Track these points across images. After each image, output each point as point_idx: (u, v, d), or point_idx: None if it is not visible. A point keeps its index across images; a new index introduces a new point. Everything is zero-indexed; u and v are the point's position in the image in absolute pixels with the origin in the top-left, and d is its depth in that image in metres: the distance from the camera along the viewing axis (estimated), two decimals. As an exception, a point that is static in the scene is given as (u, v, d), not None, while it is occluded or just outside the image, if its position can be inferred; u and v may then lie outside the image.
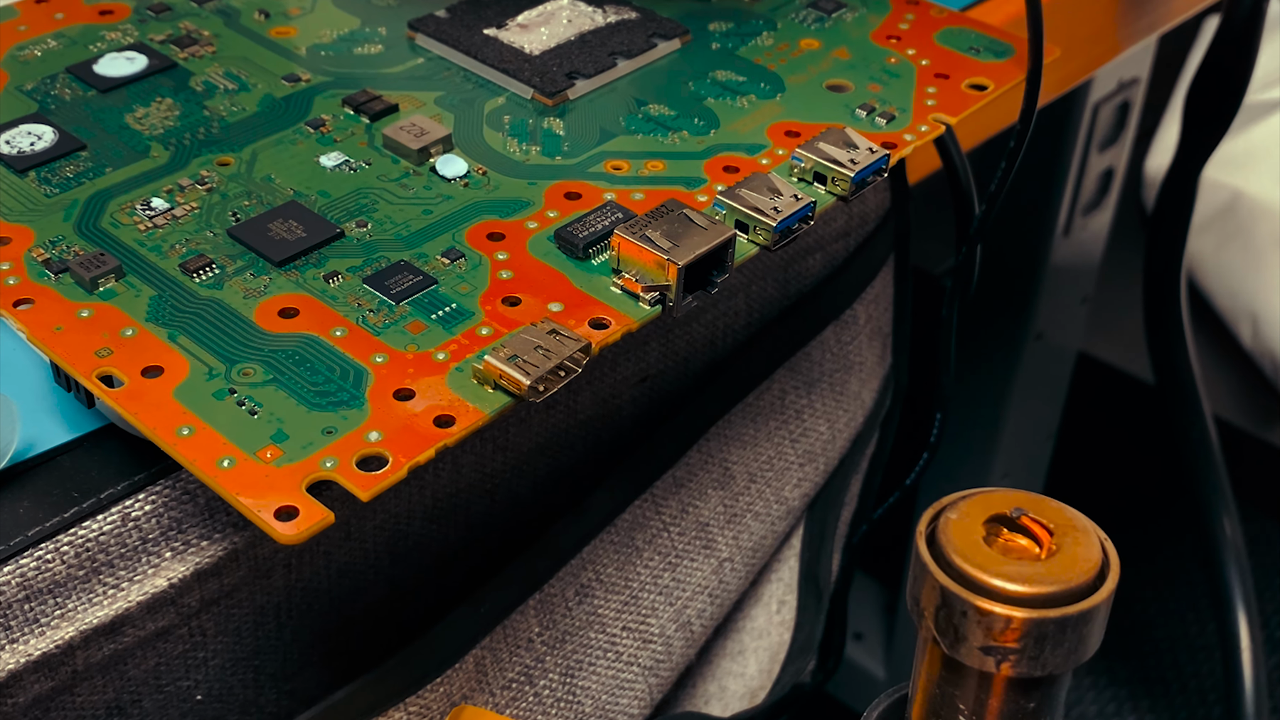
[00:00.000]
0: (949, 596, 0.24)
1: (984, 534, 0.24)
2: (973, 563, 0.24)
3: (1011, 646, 0.23)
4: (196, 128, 0.38)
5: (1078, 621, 0.23)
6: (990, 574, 0.23)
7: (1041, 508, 0.25)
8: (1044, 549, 0.24)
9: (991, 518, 0.25)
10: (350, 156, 0.37)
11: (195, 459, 0.28)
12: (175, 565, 0.33)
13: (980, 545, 0.24)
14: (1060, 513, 0.25)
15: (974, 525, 0.24)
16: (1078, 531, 0.24)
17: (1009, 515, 0.25)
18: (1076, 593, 0.24)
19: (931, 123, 0.39)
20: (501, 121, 0.39)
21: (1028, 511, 0.25)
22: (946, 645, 0.24)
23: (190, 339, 0.31)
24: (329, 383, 0.30)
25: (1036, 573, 0.23)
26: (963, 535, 0.24)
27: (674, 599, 0.44)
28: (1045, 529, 0.24)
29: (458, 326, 0.32)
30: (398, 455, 0.28)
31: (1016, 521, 0.25)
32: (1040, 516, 0.24)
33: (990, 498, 0.25)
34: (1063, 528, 0.24)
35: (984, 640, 0.24)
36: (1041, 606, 0.23)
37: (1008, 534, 0.25)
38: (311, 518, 0.27)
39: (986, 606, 0.23)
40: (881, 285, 0.50)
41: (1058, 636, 0.23)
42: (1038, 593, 0.23)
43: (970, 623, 0.24)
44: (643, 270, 0.32)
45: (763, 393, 0.46)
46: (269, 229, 0.34)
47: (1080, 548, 0.24)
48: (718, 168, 0.37)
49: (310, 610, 0.37)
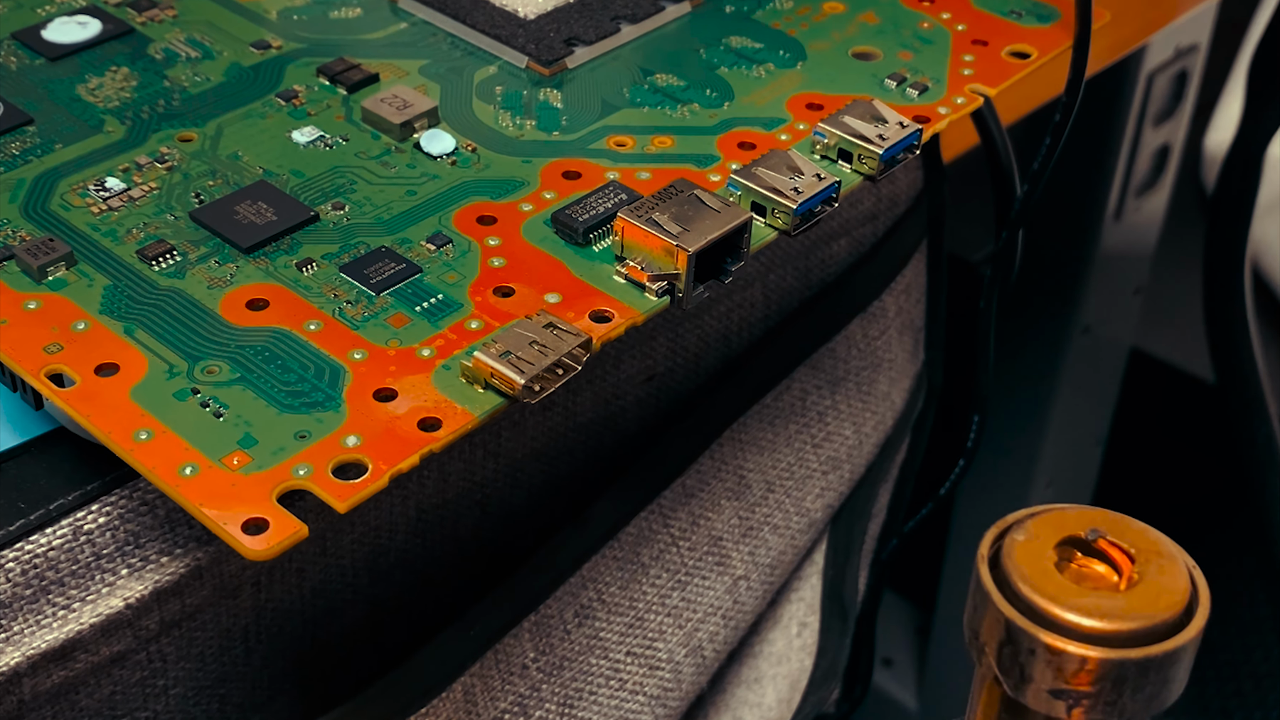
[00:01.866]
0: (1015, 631, 0.23)
1: (1055, 559, 0.23)
2: (1043, 593, 0.23)
3: (1085, 690, 0.23)
4: (156, 100, 0.38)
5: (1162, 663, 0.23)
6: (1063, 606, 0.23)
7: (1122, 529, 0.24)
8: (1124, 578, 0.23)
9: (1064, 540, 0.24)
10: (326, 132, 0.37)
11: (154, 466, 0.28)
12: (132, 584, 0.32)
13: (1051, 572, 0.23)
14: (1143, 535, 0.24)
15: (1044, 548, 0.23)
16: (1163, 558, 0.23)
17: (1084, 537, 0.24)
18: (1161, 630, 0.23)
19: (968, 94, 0.39)
20: (493, 93, 0.39)
21: (1106, 534, 0.24)
22: (1010, 686, 0.23)
23: (149, 333, 0.31)
24: (302, 382, 0.30)
25: (1116, 606, 0.23)
26: (1031, 560, 0.23)
27: (684, 621, 0.44)
28: (1126, 554, 0.23)
29: (444, 320, 0.32)
30: (378, 462, 0.28)
31: (1092, 545, 0.24)
32: (1120, 540, 0.24)
33: (1064, 516, 0.24)
34: (1145, 553, 0.23)
35: (1054, 683, 0.23)
36: (1121, 646, 0.22)
37: (1082, 559, 0.24)
38: (283, 531, 0.27)
39: (1058, 645, 0.22)
40: (913, 274, 0.50)
41: (1138, 680, 0.23)
42: (1117, 629, 0.22)
43: (1039, 662, 0.23)
44: (649, 257, 0.32)
45: (782, 393, 0.46)
46: (236, 212, 0.34)
47: (1166, 577, 0.23)
48: (732, 144, 0.37)
49: (282, 633, 0.37)
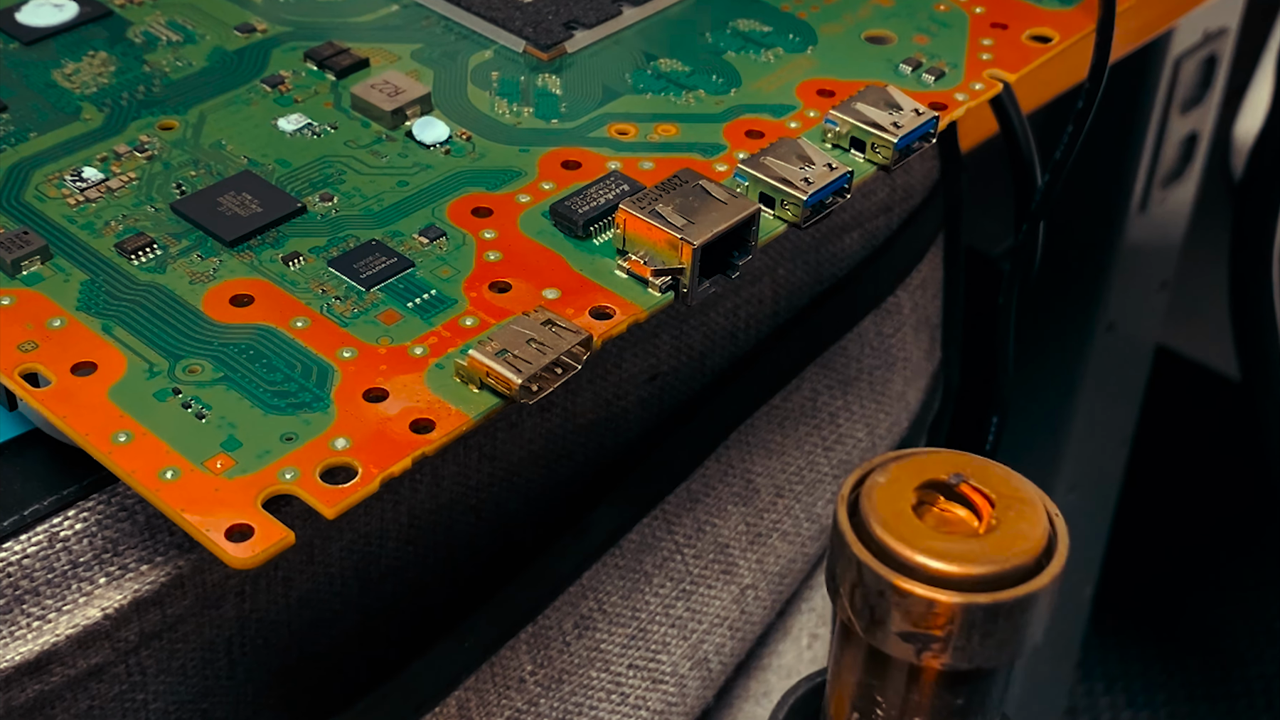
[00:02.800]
0: (866, 573, 0.23)
1: (915, 502, 0.24)
2: (896, 535, 0.23)
3: (935, 634, 0.23)
4: (135, 86, 0.38)
5: (1013, 609, 0.23)
6: (915, 549, 0.23)
7: (985, 474, 0.24)
8: (983, 522, 0.24)
9: (926, 484, 0.24)
10: (313, 119, 0.37)
11: (133, 470, 0.28)
12: (110, 593, 0.32)
13: (908, 515, 0.24)
14: (1006, 481, 0.24)
15: (904, 492, 0.24)
16: (1023, 503, 0.24)
17: (947, 481, 0.24)
18: (1014, 575, 0.23)
19: (987, 80, 0.38)
20: (489, 79, 0.39)
21: (968, 478, 0.24)
22: (862, 629, 0.24)
23: (128, 331, 0.31)
24: (289, 381, 0.30)
25: (969, 550, 0.23)
26: (889, 503, 0.24)
27: (688, 632, 0.44)
28: (987, 499, 0.24)
29: (438, 316, 0.32)
30: (368, 465, 0.28)
31: (955, 490, 0.24)
32: (982, 484, 0.24)
33: (927, 460, 0.25)
34: (1006, 499, 0.24)
35: (904, 625, 0.23)
36: (971, 590, 0.23)
37: (945, 504, 0.24)
38: (268, 538, 0.27)
39: (907, 587, 0.23)
40: (929, 268, 0.50)
41: (988, 625, 0.23)
42: (968, 573, 0.23)
43: (889, 605, 0.23)
44: (652, 251, 0.32)
45: (791, 393, 0.46)
46: (219, 203, 0.34)
47: (1024, 522, 0.24)
48: (739, 132, 0.37)
49: (267, 645, 0.37)
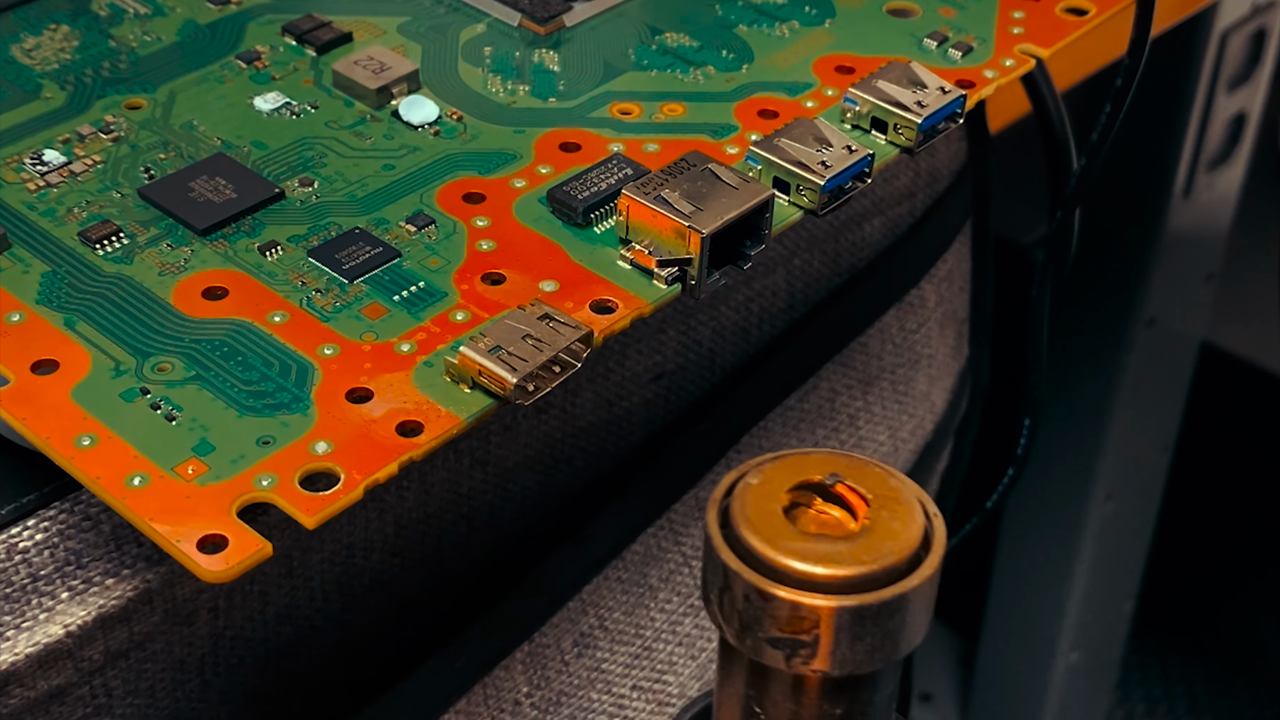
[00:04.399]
0: (731, 577, 0.24)
1: (787, 503, 0.25)
2: (761, 536, 0.24)
3: (803, 639, 0.24)
4: (100, 62, 0.38)
5: (881, 612, 0.24)
6: (780, 551, 0.24)
7: (863, 474, 0.25)
8: (859, 522, 0.25)
9: (800, 485, 0.25)
10: (292, 98, 0.37)
11: (98, 476, 0.28)
12: (74, 609, 0.32)
13: (776, 517, 0.25)
14: (884, 481, 0.25)
15: (776, 493, 0.25)
16: (898, 503, 0.25)
17: (823, 482, 0.25)
18: (884, 577, 0.24)
19: (1018, 56, 0.38)
20: (481, 54, 0.39)
21: (844, 478, 0.25)
22: (733, 636, 0.25)
23: (92, 326, 0.31)
24: (265, 381, 0.30)
25: (837, 551, 0.24)
26: (759, 504, 0.25)
27: (696, 651, 0.44)
28: (863, 499, 0.25)
29: (426, 310, 0.32)
30: (351, 471, 0.28)
31: (830, 490, 0.25)
32: (859, 484, 0.25)
33: (803, 461, 0.25)
34: (881, 499, 0.25)
35: (772, 631, 0.24)
36: (837, 592, 0.24)
37: (821, 505, 0.25)
38: (244, 550, 0.27)
39: (770, 590, 0.24)
40: (956, 259, 0.50)
41: (856, 629, 0.24)
42: (836, 575, 0.24)
43: (755, 610, 0.24)
44: (658, 240, 0.32)
45: (808, 393, 0.46)
46: (190, 189, 0.34)
47: (896, 522, 0.24)
48: (751, 112, 0.37)
49: (242, 665, 0.37)
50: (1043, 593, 0.87)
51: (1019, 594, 0.88)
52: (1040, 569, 0.87)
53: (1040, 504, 0.84)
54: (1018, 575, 0.88)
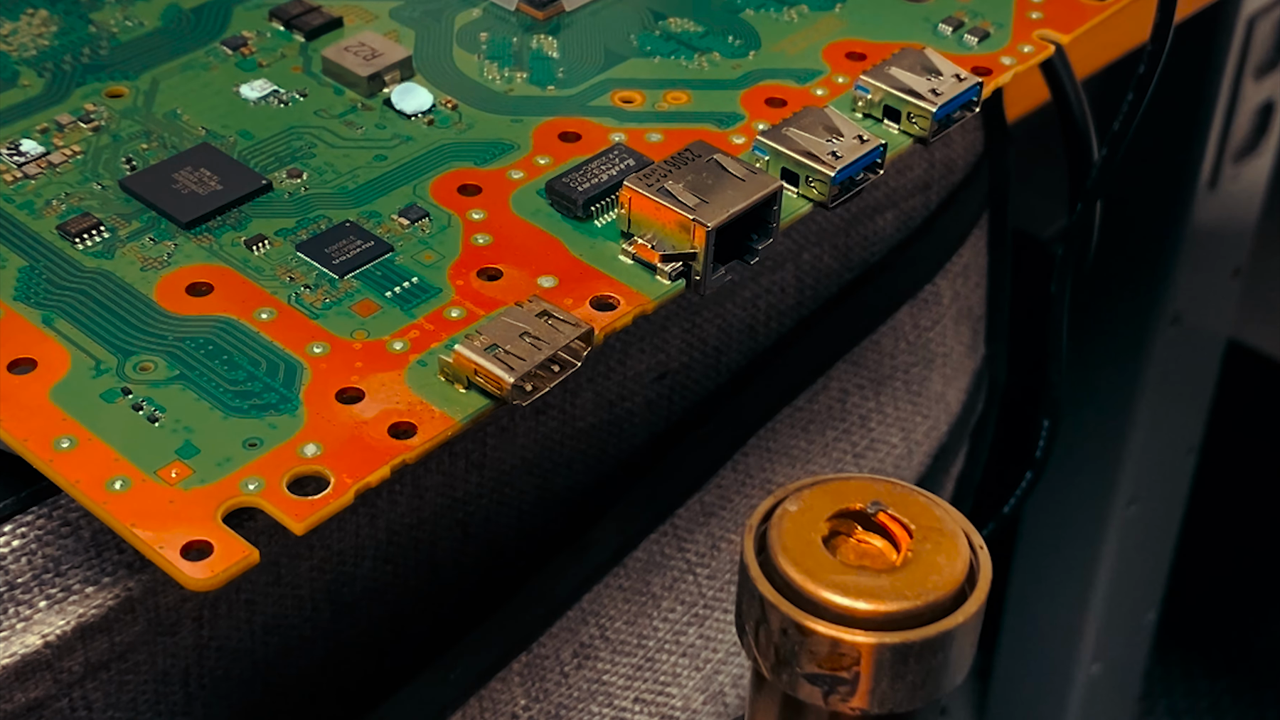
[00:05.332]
0: (769, 610, 0.24)
1: (827, 533, 0.25)
2: (801, 568, 0.24)
3: (843, 676, 0.24)
4: (79, 48, 0.38)
5: (924, 650, 0.24)
6: (820, 584, 0.24)
7: (906, 502, 0.25)
8: (901, 554, 0.25)
9: (842, 513, 0.25)
10: (280, 86, 0.37)
11: (78, 480, 0.28)
12: (52, 618, 0.32)
13: (816, 547, 0.24)
14: (928, 510, 0.25)
15: (815, 521, 0.25)
16: (942, 535, 0.25)
17: (864, 510, 0.25)
18: (928, 612, 0.24)
19: (1037, 42, 0.38)
20: (477, 40, 0.39)
21: (887, 506, 0.25)
22: (768, 670, 0.24)
23: (71, 324, 0.31)
24: (252, 380, 0.30)
25: (880, 585, 0.24)
26: (798, 534, 0.25)
27: (701, 662, 0.44)
28: (906, 529, 0.25)
29: (420, 307, 0.32)
30: (342, 475, 0.28)
31: (873, 519, 0.25)
32: (902, 514, 0.25)
33: (844, 487, 0.25)
34: (925, 529, 0.25)
35: (810, 667, 0.24)
36: (880, 629, 0.24)
37: (862, 534, 0.25)
38: (229, 556, 0.27)
39: (810, 625, 0.24)
40: (972, 254, 0.50)
41: (898, 667, 0.24)
42: (878, 610, 0.24)
43: (793, 644, 0.24)
44: (661, 234, 0.32)
45: (817, 394, 0.46)
46: (174, 180, 0.34)
47: (941, 555, 0.24)
48: (758, 100, 0.37)
49: (228, 677, 0.37)
50: (1062, 602, 0.87)
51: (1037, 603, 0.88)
52: (1059, 577, 0.87)
53: (1059, 509, 0.84)
54: (1036, 583, 0.88)
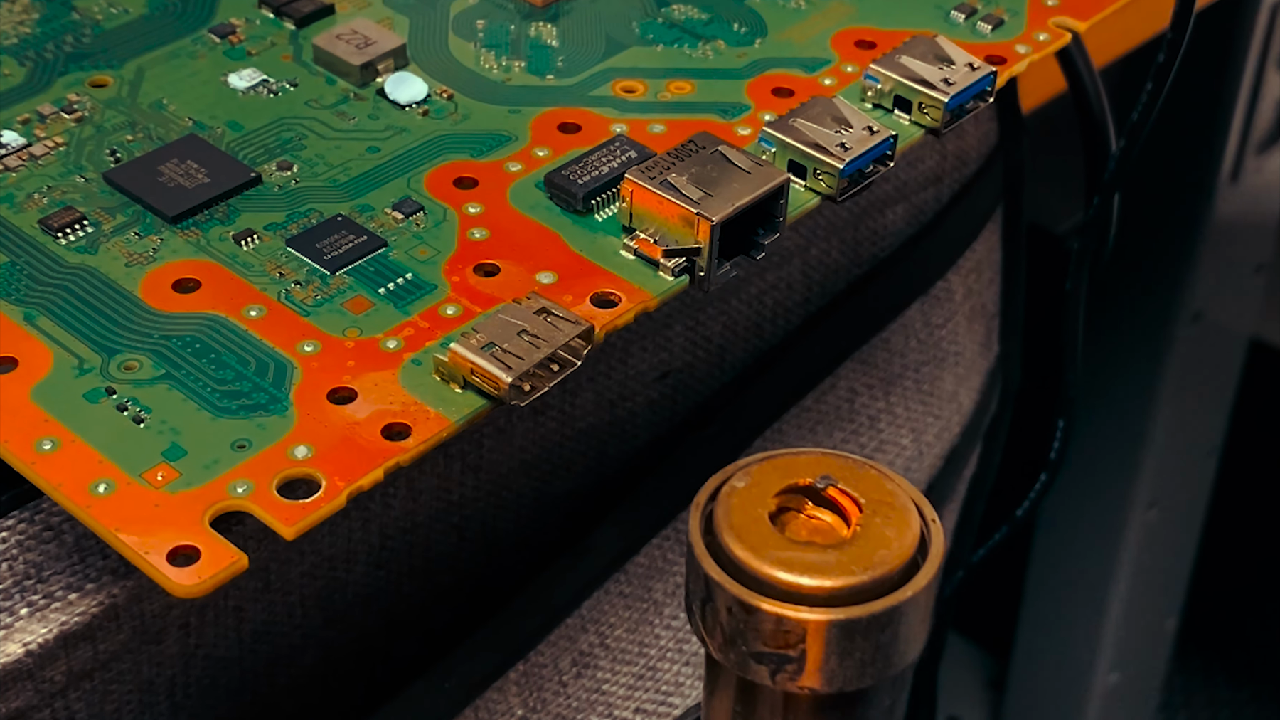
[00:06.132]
0: (713, 588, 0.24)
1: (774, 508, 0.25)
2: (746, 545, 0.24)
3: (789, 654, 0.24)
4: (62, 35, 0.38)
5: (871, 625, 0.24)
6: (764, 560, 0.24)
7: (857, 476, 0.25)
8: (850, 530, 0.25)
9: (790, 488, 0.25)
10: (269, 75, 0.37)
11: (60, 483, 0.28)
12: (34, 626, 0.32)
13: (763, 524, 0.25)
14: (879, 484, 0.25)
15: (763, 497, 0.25)
16: (892, 508, 0.25)
17: (814, 485, 0.25)
18: (875, 588, 0.24)
19: (1053, 29, 0.38)
20: (474, 27, 0.39)
21: (836, 481, 0.25)
22: (716, 650, 0.25)
23: (54, 321, 0.31)
24: (241, 380, 0.30)
25: (826, 561, 0.24)
26: (745, 510, 0.25)
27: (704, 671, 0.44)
28: (856, 504, 0.25)
29: (414, 304, 0.32)
30: (333, 478, 0.28)
31: (822, 494, 0.25)
32: (851, 488, 0.25)
33: (794, 462, 0.26)
34: (876, 503, 0.25)
35: (756, 645, 0.24)
36: (825, 604, 0.24)
37: (812, 509, 0.25)
38: (217, 562, 0.27)
39: (755, 602, 0.24)
40: (985, 249, 0.50)
41: (844, 644, 0.24)
42: (822, 586, 0.24)
43: (738, 623, 0.24)
44: (664, 228, 0.32)
45: (825, 393, 0.46)
46: (160, 173, 0.34)
47: (891, 529, 0.25)
48: (765, 90, 0.37)
49: (215, 686, 0.37)
50: (1079, 609, 0.87)
51: (1053, 610, 0.88)
52: (1076, 583, 0.87)
53: (1076, 512, 0.84)
54: (1052, 590, 0.88)
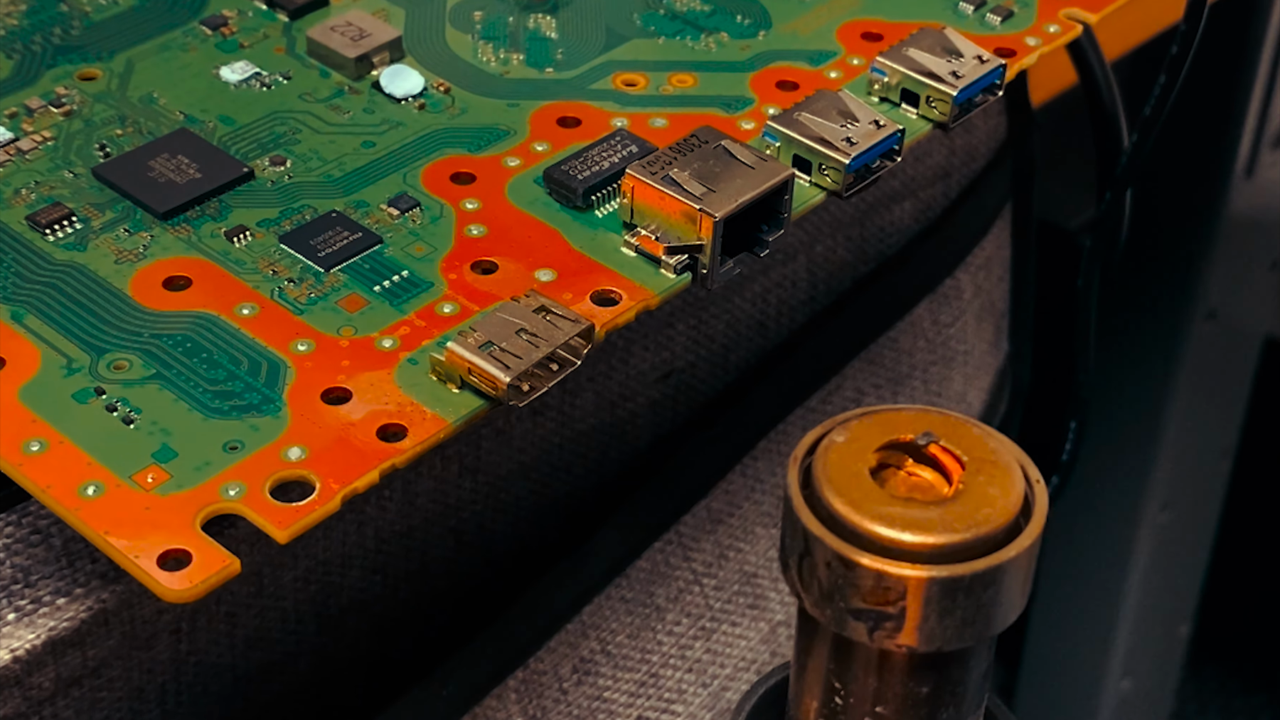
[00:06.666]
0: (812, 542, 0.24)
1: (874, 464, 0.25)
2: (847, 499, 0.24)
3: (888, 611, 0.24)
4: (50, 27, 0.38)
5: (973, 584, 0.24)
6: (865, 516, 0.24)
7: (959, 434, 0.25)
8: (952, 487, 0.25)
9: (892, 444, 0.25)
10: (262, 68, 0.37)
11: (48, 485, 0.28)
12: (21, 631, 0.32)
13: (863, 479, 0.25)
14: (982, 442, 0.25)
15: (863, 452, 0.25)
16: (995, 467, 0.25)
17: (914, 442, 0.25)
18: (978, 546, 0.24)
19: (1064, 21, 0.38)
20: (471, 19, 0.39)
21: (938, 438, 0.25)
22: (811, 605, 0.25)
23: (41, 320, 0.31)
24: (233, 380, 0.30)
25: (929, 517, 0.24)
26: (843, 465, 0.25)
27: (709, 678, 0.44)
28: (958, 461, 0.25)
29: (410, 302, 0.32)
30: (328, 480, 0.28)
31: (924, 451, 0.25)
32: (954, 445, 0.25)
33: (895, 418, 0.26)
34: (979, 461, 0.25)
35: (855, 602, 0.24)
36: (927, 561, 0.24)
37: (912, 466, 0.26)
38: (209, 566, 0.27)
39: (854, 557, 0.24)
40: (994, 246, 0.50)
41: (946, 602, 0.24)
42: (924, 543, 0.24)
43: (837, 578, 0.24)
44: (666, 224, 0.32)
45: (831, 394, 0.46)
46: (150, 168, 0.34)
47: (994, 487, 0.25)
48: (769, 83, 0.37)
49: (207, 693, 0.37)
50: (1090, 614, 0.87)
51: (1064, 615, 0.88)
52: (1087, 587, 0.87)
53: (1088, 515, 0.84)
54: (1063, 594, 0.88)
